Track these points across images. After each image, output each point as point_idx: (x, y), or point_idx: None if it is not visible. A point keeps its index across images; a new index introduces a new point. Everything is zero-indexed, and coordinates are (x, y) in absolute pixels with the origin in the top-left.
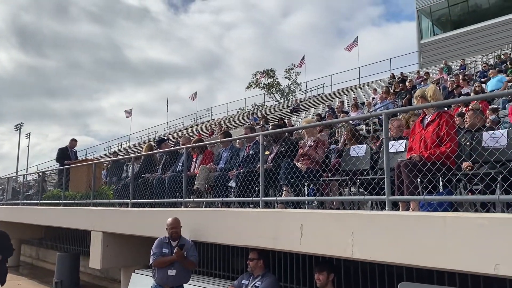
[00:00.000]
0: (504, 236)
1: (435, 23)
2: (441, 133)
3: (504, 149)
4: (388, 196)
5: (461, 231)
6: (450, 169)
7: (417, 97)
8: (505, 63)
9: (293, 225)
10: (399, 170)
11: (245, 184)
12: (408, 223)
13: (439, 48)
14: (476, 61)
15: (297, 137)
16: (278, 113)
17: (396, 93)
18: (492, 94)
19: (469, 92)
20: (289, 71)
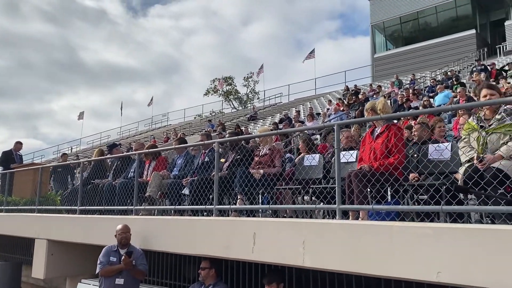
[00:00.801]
0: (446, 245)
1: (388, 39)
2: (389, 144)
3: (448, 161)
4: (339, 205)
5: (406, 240)
6: (398, 179)
7: (368, 110)
8: (452, 79)
9: (246, 234)
10: (350, 179)
11: (199, 191)
12: (357, 232)
13: (391, 62)
14: (425, 77)
15: (253, 145)
16: (236, 120)
17: (349, 104)
18: (438, 108)
19: (418, 105)
20: (248, 79)
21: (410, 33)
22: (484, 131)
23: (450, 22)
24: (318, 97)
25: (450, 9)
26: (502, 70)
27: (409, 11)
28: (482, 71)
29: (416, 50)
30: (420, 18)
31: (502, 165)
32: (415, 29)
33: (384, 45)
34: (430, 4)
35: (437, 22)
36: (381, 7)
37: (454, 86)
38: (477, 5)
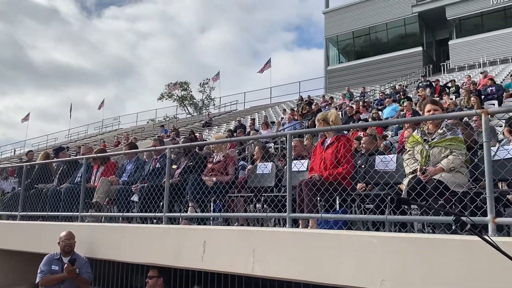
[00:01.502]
0: (389, 253)
1: (341, 52)
2: (339, 155)
3: (393, 172)
4: (289, 214)
5: (353, 248)
6: (346, 189)
7: (319, 120)
8: (399, 93)
9: (196, 242)
10: (300, 188)
11: (148, 198)
12: (306, 240)
13: (343, 75)
14: (374, 90)
15: (207, 151)
16: (190, 126)
17: (303, 114)
18: (386, 121)
19: (367, 118)
20: (204, 85)
21: (362, 48)
22: (427, 145)
23: (399, 39)
24: (273, 106)
25: (399, 27)
26: (445, 87)
27: (361, 26)
28: (427, 86)
29: (367, 64)
30: (372, 34)
31: (442, 177)
32: (367, 44)
33: (337, 58)
34: (381, 21)
35: (387, 38)
36: (335, 21)
37: (401, 100)
38: (424, 24)
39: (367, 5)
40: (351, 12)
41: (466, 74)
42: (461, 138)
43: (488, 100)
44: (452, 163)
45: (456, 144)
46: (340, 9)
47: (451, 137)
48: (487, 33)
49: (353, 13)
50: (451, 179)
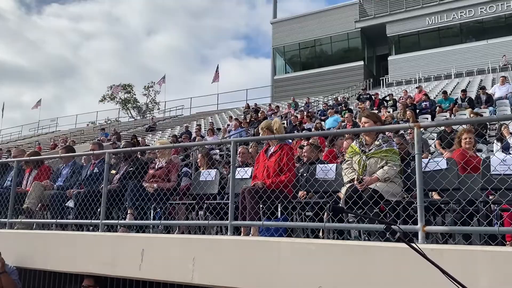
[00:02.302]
0: (327, 260)
1: (288, 62)
2: (281, 163)
3: (332, 181)
4: (231, 221)
5: (293, 255)
6: (288, 197)
7: (263, 129)
8: (341, 105)
9: (134, 250)
10: (243, 196)
11: (84, 205)
12: (247, 248)
13: (289, 85)
14: (318, 101)
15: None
16: (133, 130)
17: (249, 122)
18: (328, 132)
19: (310, 127)
20: (148, 89)
21: (308, 59)
22: (364, 155)
23: (342, 53)
24: (220, 113)
25: (343, 41)
26: (384, 100)
27: (307, 38)
28: (367, 99)
29: (312, 75)
30: (317, 46)
31: (377, 187)
32: (312, 56)
33: (283, 68)
34: (326, 34)
35: (331, 51)
36: (283, 32)
37: (343, 111)
38: (365, 39)
39: (313, 18)
40: (298, 24)
41: (403, 89)
42: (395, 150)
43: (422, 114)
44: (386, 173)
45: (391, 155)
46: (287, 20)
47: (387, 148)
48: (423, 51)
49: (300, 25)
50: (385, 188)
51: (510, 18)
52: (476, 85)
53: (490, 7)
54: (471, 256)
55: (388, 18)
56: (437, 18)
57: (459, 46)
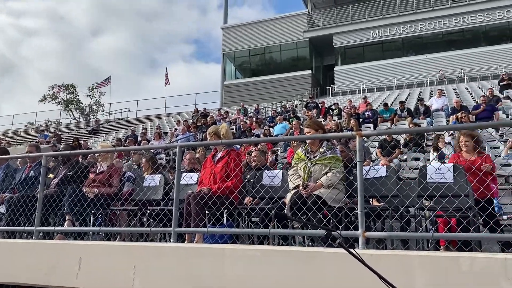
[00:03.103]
0: (272, 266)
1: (238, 68)
2: (228, 169)
3: (277, 187)
4: (174, 228)
5: (237, 262)
6: (234, 203)
7: (211, 134)
8: (289, 112)
9: (71, 258)
10: (188, 202)
11: (18, 210)
12: (191, 255)
13: (239, 91)
14: (267, 107)
15: (90, 161)
16: (75, 132)
17: (197, 127)
18: (276, 138)
19: (259, 134)
20: (93, 90)
21: (257, 66)
22: (309, 162)
23: (291, 61)
24: (167, 116)
25: (292, 49)
26: (329, 109)
27: (257, 45)
28: (314, 107)
29: (261, 82)
30: (267, 54)
31: (321, 193)
32: (262, 63)
33: (233, 74)
34: (275, 42)
35: (281, 59)
36: (233, 38)
37: (291, 118)
38: (313, 49)
39: (263, 26)
40: (248, 30)
41: (348, 98)
42: (339, 157)
43: (365, 123)
44: (330, 180)
45: (334, 162)
46: (237, 26)
47: (330, 155)
48: (367, 63)
49: (250, 32)
50: (328, 194)
51: (447, 35)
52: (415, 97)
53: (429, 24)
54: (407, 261)
55: (335, 29)
56: (381, 31)
57: (400, 59)
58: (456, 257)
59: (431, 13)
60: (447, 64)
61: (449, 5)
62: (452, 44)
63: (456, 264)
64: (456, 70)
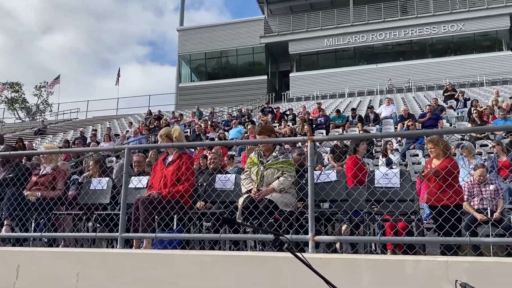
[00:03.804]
0: (222, 271)
1: (193, 71)
2: (180, 172)
3: (229, 191)
4: (121, 234)
5: (186, 268)
6: (184, 207)
7: (162, 136)
8: (245, 116)
9: (8, 266)
10: (137, 206)
11: None
12: (138, 261)
13: (194, 94)
14: (223, 111)
15: (34, 162)
16: (19, 133)
17: (150, 129)
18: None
19: (214, 137)
20: (40, 89)
21: (214, 69)
22: (262, 166)
23: (247, 66)
24: (119, 118)
25: (248, 54)
26: (284, 114)
27: (213, 49)
28: (269, 112)
29: (217, 85)
30: (223, 57)
31: (273, 197)
32: (218, 66)
33: (189, 77)
34: (232, 46)
35: (237, 63)
36: (189, 40)
37: (246, 123)
38: (269, 55)
39: (220, 30)
40: (205, 33)
41: (302, 104)
42: (291, 161)
43: (318, 129)
44: (282, 184)
45: (286, 167)
46: (194, 29)
47: (283, 160)
48: (321, 70)
49: (207, 35)
50: (280, 199)
51: (396, 46)
52: (366, 105)
53: (380, 35)
54: (355, 264)
55: (290, 36)
56: (334, 40)
57: (352, 68)
58: (401, 260)
59: (382, 24)
60: (396, 74)
61: (399, 18)
62: (401, 55)
63: (401, 267)
64: (405, 80)
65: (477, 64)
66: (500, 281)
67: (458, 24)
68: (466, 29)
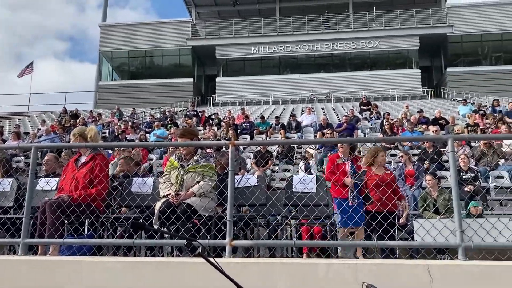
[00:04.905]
0: (134, 278)
1: (115, 70)
2: (93, 175)
3: (145, 195)
4: (24, 239)
5: (96, 275)
6: (95, 211)
7: (76, 135)
8: (168, 118)
9: None
10: (43, 210)
11: None
12: (43, 269)
13: (115, 93)
14: (145, 112)
15: None
16: None
17: (65, 128)
18: (153, 143)
19: (134, 139)
20: None
21: (137, 69)
22: (182, 170)
23: (173, 68)
24: (30, 115)
25: (174, 56)
26: (209, 118)
27: (138, 48)
28: (194, 116)
29: (140, 85)
30: (148, 57)
31: (191, 202)
32: (142, 66)
33: (110, 75)
34: (157, 47)
35: (162, 64)
36: (112, 37)
37: (169, 125)
38: (196, 58)
39: (145, 29)
40: (129, 31)
41: (228, 109)
42: (212, 165)
43: (243, 134)
44: (202, 188)
45: (207, 171)
46: (117, 26)
47: (204, 164)
48: (247, 77)
49: (131, 33)
50: (199, 203)
51: (319, 58)
52: (289, 113)
53: (303, 46)
54: (270, 268)
55: (218, 41)
56: (261, 48)
57: (277, 76)
58: (314, 264)
59: (306, 36)
60: (317, 84)
61: (321, 31)
62: (323, 67)
63: (314, 270)
64: (325, 91)
65: (390, 80)
66: (402, 281)
67: (374, 41)
68: (381, 46)
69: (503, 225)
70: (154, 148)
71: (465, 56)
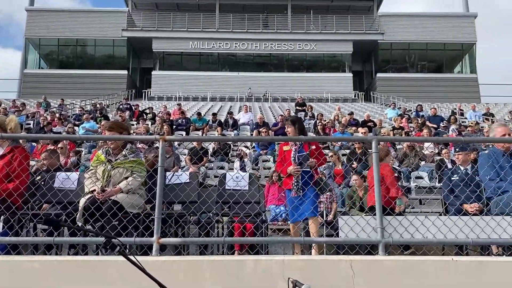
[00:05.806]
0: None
1: (43, 57)
2: (10, 169)
3: (68, 191)
4: None
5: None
6: (17, 207)
7: None
8: (98, 111)
9: None
10: None
11: None
12: None
13: (42, 82)
14: (74, 104)
15: None
16: None
17: None
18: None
19: (61, 131)
20: None
21: (68, 58)
22: (110, 165)
23: (107, 58)
24: None
25: (108, 46)
26: (143, 112)
27: (69, 36)
28: (127, 109)
29: (70, 75)
30: (79, 46)
31: (118, 198)
32: (73, 55)
33: (37, 63)
34: (90, 36)
35: (95, 54)
36: (40, 23)
37: (99, 118)
38: (131, 49)
39: (78, 16)
40: (59, 17)
41: (163, 104)
42: (141, 161)
43: (178, 130)
44: (130, 185)
45: (136, 166)
46: (47, 11)
47: (133, 159)
48: (184, 72)
49: (61, 20)
50: (126, 200)
51: (257, 57)
52: (226, 110)
53: (242, 44)
54: (197, 266)
55: (155, 33)
56: (199, 44)
57: (215, 73)
58: (242, 260)
59: (245, 34)
60: (255, 83)
61: (260, 30)
62: (261, 66)
63: (242, 267)
64: (263, 90)
65: (324, 82)
66: (326, 276)
67: (311, 44)
68: (317, 49)
69: (420, 222)
70: (82, 142)
71: (394, 62)
